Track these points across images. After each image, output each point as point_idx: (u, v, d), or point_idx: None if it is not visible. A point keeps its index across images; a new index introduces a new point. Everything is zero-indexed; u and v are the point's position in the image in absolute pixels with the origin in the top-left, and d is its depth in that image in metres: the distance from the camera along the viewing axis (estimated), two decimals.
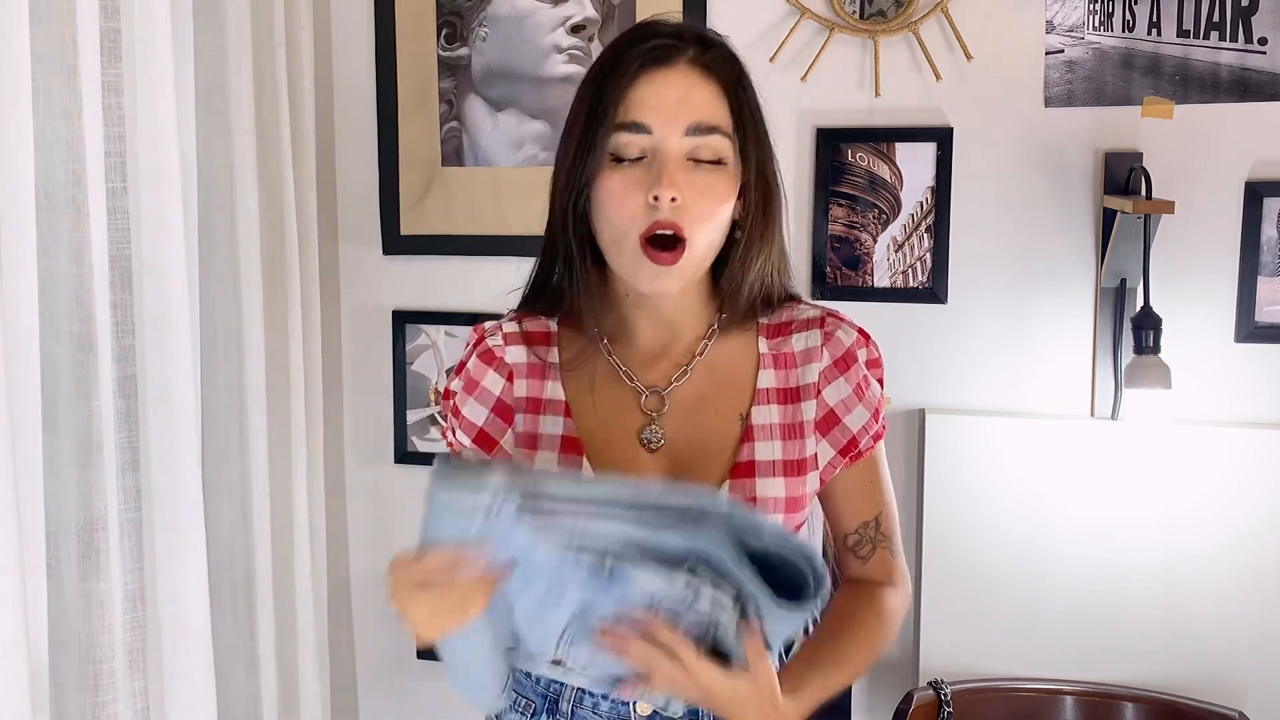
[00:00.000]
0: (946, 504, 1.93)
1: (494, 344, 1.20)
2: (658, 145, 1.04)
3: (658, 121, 1.04)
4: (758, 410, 1.15)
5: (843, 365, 1.16)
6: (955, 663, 1.92)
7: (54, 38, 1.43)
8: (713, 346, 1.17)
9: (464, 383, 1.20)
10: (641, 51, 1.05)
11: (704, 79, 1.06)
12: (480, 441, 1.18)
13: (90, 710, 1.51)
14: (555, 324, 1.20)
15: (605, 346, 1.17)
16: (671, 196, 1.02)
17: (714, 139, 1.05)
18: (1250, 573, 1.83)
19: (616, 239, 1.07)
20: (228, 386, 1.86)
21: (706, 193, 1.05)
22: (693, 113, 1.04)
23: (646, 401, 1.15)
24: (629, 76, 1.04)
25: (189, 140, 1.71)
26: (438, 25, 2.10)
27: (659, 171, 1.03)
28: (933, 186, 1.94)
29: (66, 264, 1.47)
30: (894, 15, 1.92)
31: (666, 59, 1.05)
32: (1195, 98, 1.85)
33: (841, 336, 1.16)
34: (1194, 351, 1.87)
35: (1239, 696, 1.83)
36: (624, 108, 1.04)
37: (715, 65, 1.07)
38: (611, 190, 1.05)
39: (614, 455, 1.14)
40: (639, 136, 1.04)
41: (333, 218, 2.20)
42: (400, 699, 2.27)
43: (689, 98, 1.04)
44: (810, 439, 1.15)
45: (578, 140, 1.07)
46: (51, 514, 1.47)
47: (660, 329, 1.16)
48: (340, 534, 2.26)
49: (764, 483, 1.12)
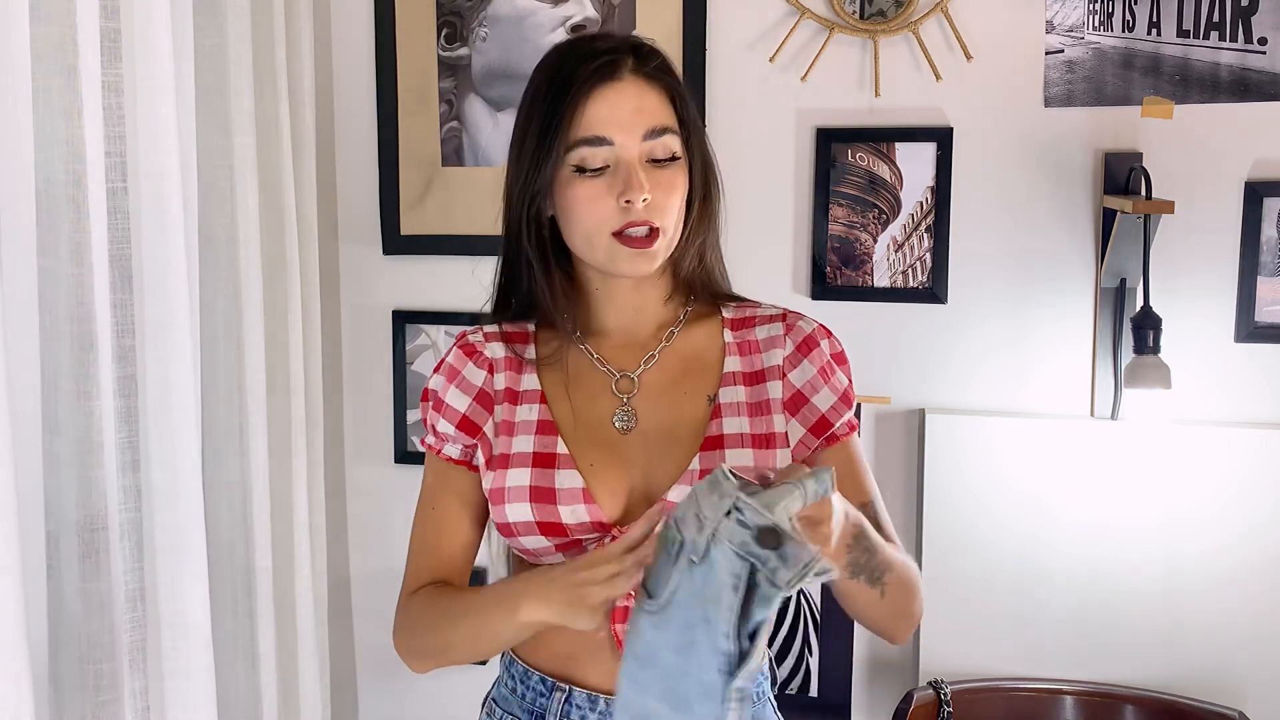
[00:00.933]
0: (946, 504, 1.93)
1: (475, 340, 1.27)
2: (620, 154, 1.13)
3: (617, 133, 1.13)
4: (725, 391, 1.21)
5: (805, 349, 1.22)
6: (955, 663, 1.92)
7: (54, 38, 1.43)
8: (679, 336, 1.24)
9: (445, 374, 1.27)
10: (589, 70, 1.13)
11: (649, 86, 1.15)
12: (463, 427, 1.24)
13: (90, 710, 1.51)
14: (533, 326, 1.27)
15: (578, 337, 1.24)
16: (644, 198, 1.12)
17: (666, 138, 1.15)
18: (1250, 572, 1.83)
19: (588, 237, 1.15)
20: (228, 386, 1.86)
21: (667, 187, 1.15)
22: (646, 119, 1.14)
23: (619, 384, 1.22)
24: (583, 94, 1.13)
25: (189, 140, 1.71)
26: (438, 25, 2.10)
27: (627, 177, 1.12)
28: (933, 186, 1.94)
29: (66, 264, 1.47)
30: (894, 15, 1.92)
31: (614, 74, 1.14)
32: (1195, 98, 1.85)
33: (803, 325, 1.24)
34: (1194, 351, 1.87)
35: (1239, 696, 1.83)
36: (583, 124, 1.13)
37: (656, 73, 1.17)
38: (581, 198, 1.14)
39: (589, 437, 1.20)
40: (601, 149, 1.13)
41: (333, 218, 2.20)
42: (400, 699, 2.27)
43: (641, 106, 1.14)
44: (779, 416, 1.20)
45: (531, 154, 1.15)
46: (51, 514, 1.47)
47: (627, 317, 1.24)
48: (340, 534, 2.26)
49: (733, 454, 1.16)
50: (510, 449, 1.20)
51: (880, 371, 1.99)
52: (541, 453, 1.18)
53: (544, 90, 1.16)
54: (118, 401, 1.57)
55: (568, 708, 1.18)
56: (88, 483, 1.50)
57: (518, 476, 1.17)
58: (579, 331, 1.24)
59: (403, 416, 2.19)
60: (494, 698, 1.27)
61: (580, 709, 1.17)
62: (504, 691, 1.25)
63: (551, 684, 1.19)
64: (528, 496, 1.16)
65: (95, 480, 1.50)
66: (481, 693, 1.33)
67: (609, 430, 1.20)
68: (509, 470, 1.18)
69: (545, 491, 1.16)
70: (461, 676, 2.16)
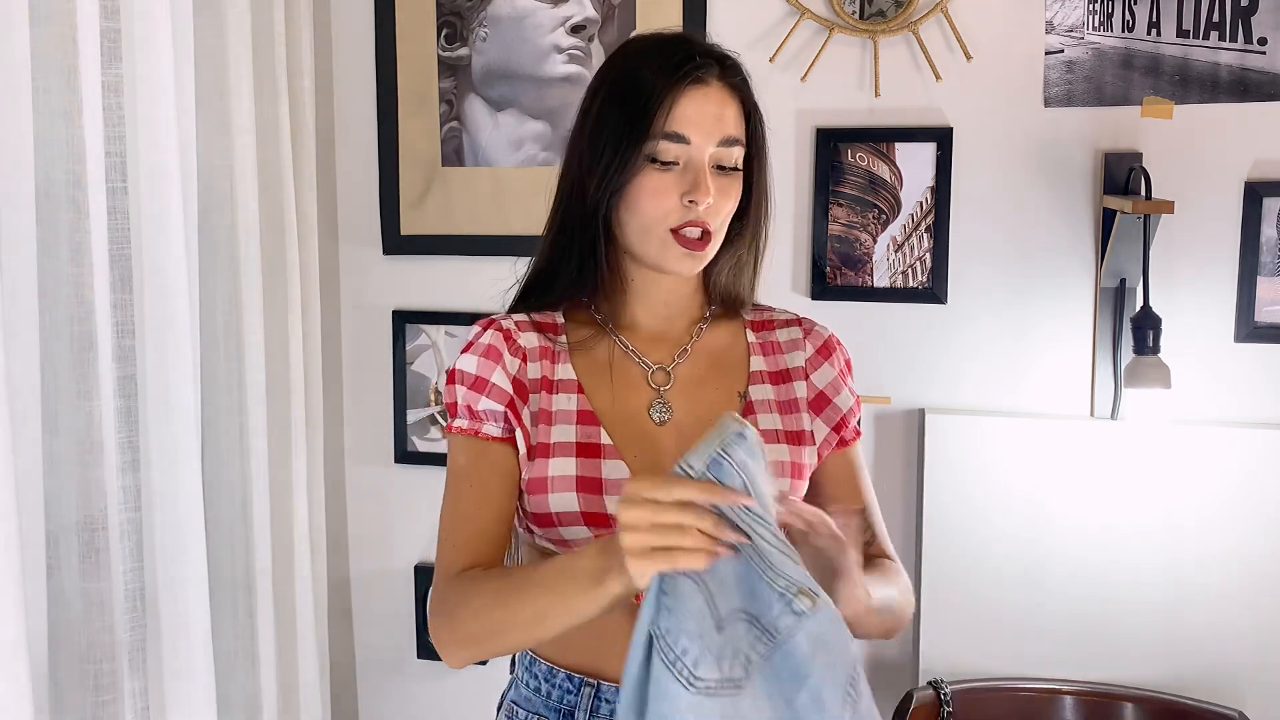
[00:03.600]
0: (946, 504, 1.93)
1: (509, 326, 1.24)
2: (693, 155, 1.17)
3: (696, 134, 1.16)
4: (754, 388, 1.25)
5: (825, 352, 1.29)
6: (955, 663, 1.92)
7: (54, 38, 1.43)
8: (706, 334, 1.28)
9: (483, 353, 1.22)
10: (686, 70, 1.17)
11: (731, 97, 1.19)
12: (512, 408, 1.20)
13: (90, 710, 1.51)
14: (560, 317, 1.26)
15: (610, 329, 1.25)
16: (709, 202, 1.16)
17: (735, 150, 1.19)
18: (1250, 572, 1.83)
19: (645, 228, 1.18)
20: (228, 386, 1.86)
21: (727, 195, 1.19)
22: (724, 128, 1.18)
23: (654, 375, 1.24)
24: (675, 91, 1.16)
25: (189, 140, 1.71)
26: (438, 25, 2.10)
27: (695, 178, 1.16)
28: (932, 186, 1.94)
29: (66, 264, 1.47)
30: (894, 15, 1.92)
31: (705, 77, 1.17)
32: (1195, 98, 1.85)
33: (820, 331, 1.31)
34: (1194, 351, 1.87)
35: (1239, 696, 1.83)
36: (670, 119, 1.16)
37: (739, 86, 1.21)
38: (648, 189, 1.17)
39: (627, 428, 1.20)
40: (678, 146, 1.16)
41: (333, 218, 2.20)
42: (400, 699, 2.27)
43: (722, 114, 1.18)
44: (805, 415, 1.26)
45: (619, 140, 1.17)
46: (51, 514, 1.47)
47: (659, 314, 1.26)
48: (340, 534, 2.26)
49: (770, 448, 1.14)
50: (550, 438, 1.19)
51: (880, 371, 1.99)
52: (585, 443, 1.18)
53: (632, 80, 1.18)
54: (118, 401, 1.57)
55: (598, 702, 1.17)
56: (88, 483, 1.50)
57: (561, 466, 1.17)
58: (610, 324, 1.25)
59: (403, 416, 2.19)
60: (514, 700, 1.25)
61: (611, 703, 1.16)
62: (526, 693, 1.23)
63: (580, 680, 1.19)
64: (574, 486, 1.15)
65: (95, 480, 1.50)
66: (482, 693, 1.33)
67: (646, 422, 1.21)
68: (551, 459, 1.17)
69: (591, 481, 1.16)
70: (462, 677, 2.16)
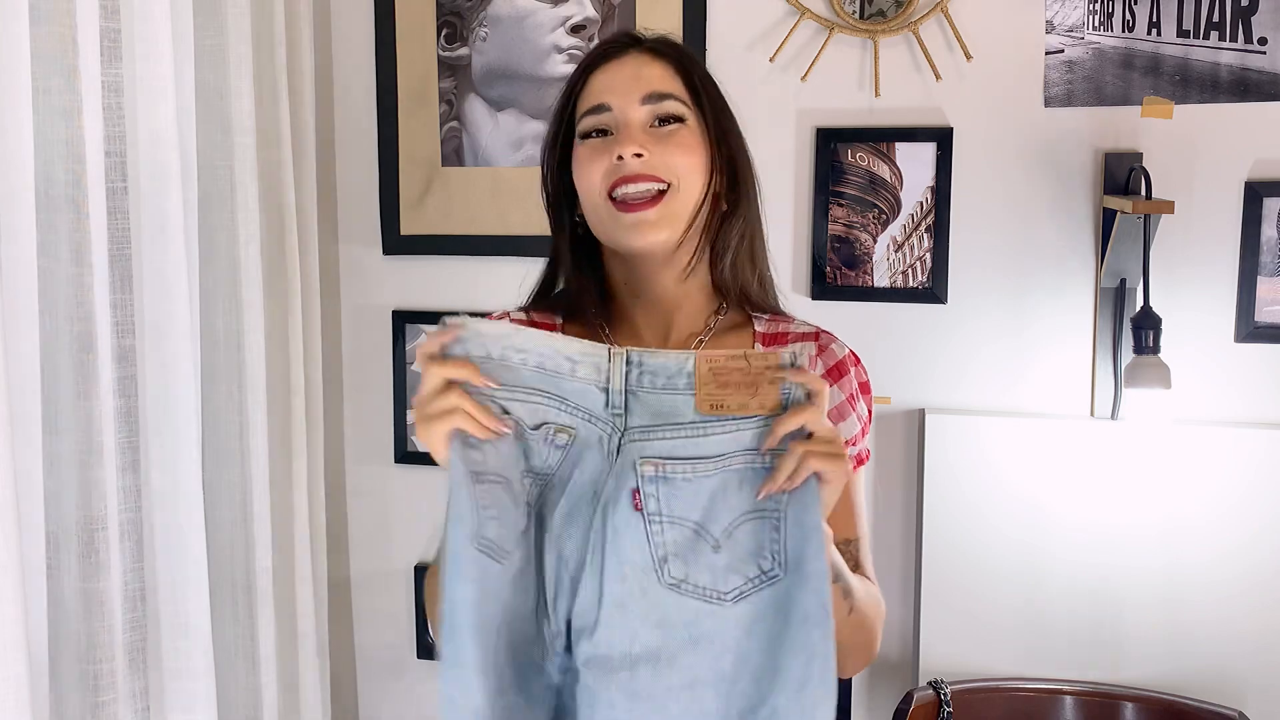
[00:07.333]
0: (946, 504, 1.93)
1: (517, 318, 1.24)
2: (618, 118, 1.15)
3: (614, 97, 1.15)
4: None
5: (835, 374, 1.20)
6: (955, 663, 1.92)
7: (54, 38, 1.43)
8: (709, 345, 1.20)
9: None
10: (597, 52, 1.19)
11: (653, 59, 1.18)
12: None
13: (90, 710, 1.51)
14: (560, 318, 1.24)
15: (607, 336, 1.21)
16: (635, 152, 1.11)
17: (669, 103, 1.15)
18: (1250, 573, 1.83)
19: (593, 205, 1.15)
20: (228, 386, 1.85)
21: (671, 142, 1.14)
22: (645, 84, 1.15)
23: None
24: (590, 71, 1.18)
25: (189, 140, 1.71)
26: (438, 25, 2.10)
27: (619, 136, 1.14)
28: (932, 186, 1.94)
29: (66, 264, 1.47)
30: (894, 15, 1.92)
31: (619, 53, 1.18)
32: (1195, 98, 1.85)
33: (835, 349, 1.22)
34: (1194, 351, 1.87)
35: (1239, 697, 1.83)
36: (586, 95, 1.17)
37: (662, 47, 1.19)
38: (581, 159, 1.16)
39: None
40: (603, 115, 1.15)
41: (333, 218, 2.20)
42: (400, 699, 2.27)
43: (640, 73, 1.16)
44: None
45: (554, 135, 1.21)
46: (51, 514, 1.47)
47: (658, 319, 1.21)
48: (340, 534, 2.26)
49: None
50: None
51: (880, 371, 1.97)
52: None
53: (565, 86, 1.21)
54: (118, 401, 1.57)
55: None
56: (88, 483, 1.50)
57: None
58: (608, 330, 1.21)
59: (403, 416, 2.19)
60: None
61: None
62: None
63: None
64: None
65: (95, 480, 1.50)
66: None
67: None
68: None
69: None
70: None
